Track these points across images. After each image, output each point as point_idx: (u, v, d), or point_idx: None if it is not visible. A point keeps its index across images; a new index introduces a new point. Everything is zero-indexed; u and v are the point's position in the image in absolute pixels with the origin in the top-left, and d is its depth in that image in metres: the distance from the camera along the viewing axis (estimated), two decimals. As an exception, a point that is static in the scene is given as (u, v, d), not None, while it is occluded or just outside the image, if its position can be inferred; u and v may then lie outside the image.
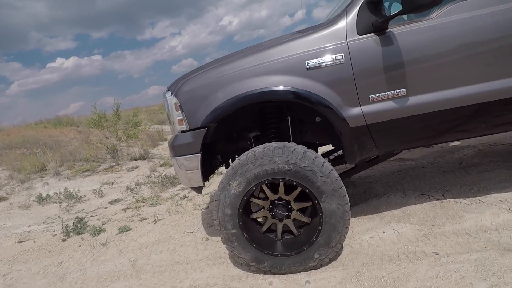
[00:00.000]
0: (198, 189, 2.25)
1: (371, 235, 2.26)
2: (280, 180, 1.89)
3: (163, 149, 8.47)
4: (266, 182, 1.89)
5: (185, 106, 2.04)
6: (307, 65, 1.88)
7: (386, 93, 1.86)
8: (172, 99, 2.12)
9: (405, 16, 1.82)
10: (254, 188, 1.91)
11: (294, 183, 1.88)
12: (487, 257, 1.80)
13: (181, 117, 2.08)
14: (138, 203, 4.16)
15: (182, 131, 2.10)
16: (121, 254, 2.71)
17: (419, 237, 2.13)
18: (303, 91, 1.87)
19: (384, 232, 2.26)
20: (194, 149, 2.05)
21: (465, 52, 1.83)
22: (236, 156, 2.58)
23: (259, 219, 2.14)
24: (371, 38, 1.85)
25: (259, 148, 1.93)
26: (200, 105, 2.01)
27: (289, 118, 2.32)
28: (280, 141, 2.13)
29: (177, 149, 2.11)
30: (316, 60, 1.87)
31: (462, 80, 1.85)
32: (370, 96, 1.88)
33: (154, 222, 3.33)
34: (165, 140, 9.61)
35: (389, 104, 1.88)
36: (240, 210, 1.92)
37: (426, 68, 1.84)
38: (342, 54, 1.86)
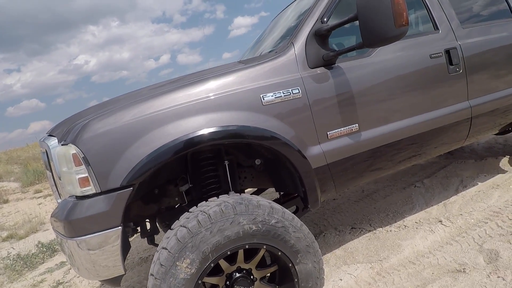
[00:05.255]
0: (114, 281, 1.50)
1: (330, 287, 2.02)
2: (247, 246, 1.44)
3: (3, 214, 6.23)
4: (229, 252, 1.40)
5: (93, 157, 1.36)
6: (263, 100, 1.58)
7: (342, 129, 1.75)
8: (67, 149, 1.40)
9: (355, 52, 1.79)
10: (212, 265, 1.38)
11: (264, 247, 1.46)
12: (445, 285, 1.83)
13: (86, 175, 1.37)
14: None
15: (87, 196, 1.39)
16: None
17: (374, 277, 2.03)
18: (264, 130, 1.54)
19: (341, 280, 2.07)
20: (111, 222, 1.38)
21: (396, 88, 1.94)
22: (158, 221, 1.95)
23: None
24: (323, 72, 1.73)
25: (211, 207, 1.44)
26: (120, 154, 1.38)
27: (226, 163, 1.92)
28: (220, 193, 1.72)
29: (79, 225, 1.36)
30: (272, 94, 1.60)
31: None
32: (328, 133, 1.72)
33: None
34: (5, 202, 7.14)
35: (346, 141, 1.77)
36: (194, 302, 1.34)
37: (371, 103, 1.85)
38: (298, 87, 1.66)
